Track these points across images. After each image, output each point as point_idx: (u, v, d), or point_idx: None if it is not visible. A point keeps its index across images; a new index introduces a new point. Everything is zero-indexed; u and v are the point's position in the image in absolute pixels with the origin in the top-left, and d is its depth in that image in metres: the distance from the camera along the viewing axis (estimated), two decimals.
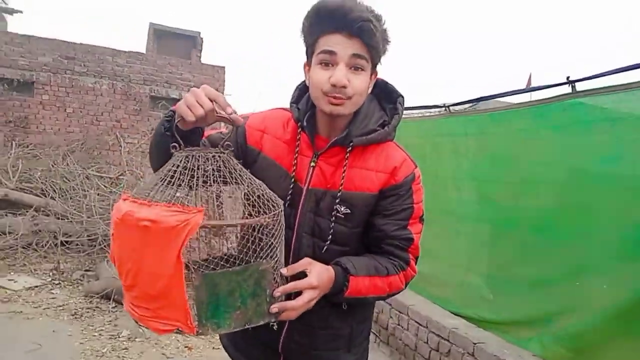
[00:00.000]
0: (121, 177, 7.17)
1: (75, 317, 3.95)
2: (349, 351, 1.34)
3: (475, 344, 2.74)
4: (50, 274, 5.05)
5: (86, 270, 5.16)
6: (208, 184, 1.02)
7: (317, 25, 1.16)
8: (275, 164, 1.29)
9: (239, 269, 1.02)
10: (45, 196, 6.47)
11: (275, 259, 1.07)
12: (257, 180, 1.10)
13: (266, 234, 1.06)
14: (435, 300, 3.56)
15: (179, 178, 1.00)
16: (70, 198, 6.46)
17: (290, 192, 1.26)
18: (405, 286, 1.31)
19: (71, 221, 5.92)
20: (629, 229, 2.41)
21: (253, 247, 1.05)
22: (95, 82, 10.08)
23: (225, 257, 1.11)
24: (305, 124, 1.26)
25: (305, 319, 1.16)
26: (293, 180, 1.26)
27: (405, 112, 4.28)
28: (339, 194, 1.23)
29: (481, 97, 3.40)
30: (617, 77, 2.43)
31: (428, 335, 3.13)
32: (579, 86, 2.62)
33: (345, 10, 1.11)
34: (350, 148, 1.23)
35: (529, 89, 2.95)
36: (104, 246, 5.39)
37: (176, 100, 11.14)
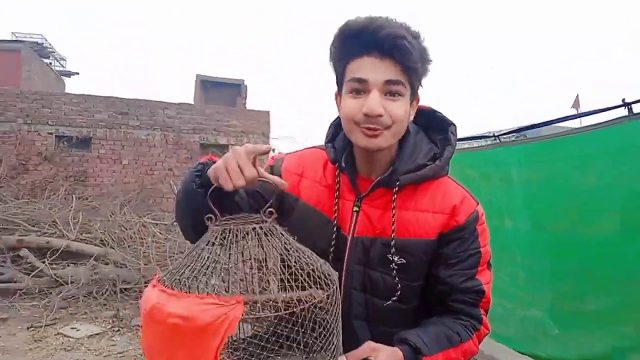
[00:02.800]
0: (175, 223, 7.34)
1: None
2: None
3: None
4: (110, 321, 5.16)
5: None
6: (245, 262, 0.87)
7: (344, 50, 1.02)
8: (316, 211, 1.14)
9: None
10: (105, 245, 6.68)
11: (333, 346, 0.87)
12: (306, 251, 0.90)
13: (320, 316, 0.86)
14: (498, 339, 3.41)
15: (214, 260, 0.84)
16: (128, 246, 6.64)
17: (333, 242, 1.10)
18: (478, 347, 1.11)
19: (129, 269, 6.08)
20: None
21: (303, 327, 0.85)
22: (148, 134, 10.52)
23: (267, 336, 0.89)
24: (343, 164, 1.10)
25: None
26: (335, 228, 1.10)
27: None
28: (392, 242, 1.05)
29: (533, 125, 3.34)
30: None
31: None
32: (636, 108, 2.52)
33: (373, 29, 0.96)
34: (397, 187, 1.06)
35: (583, 114, 2.87)
36: None
37: (225, 147, 11.56)
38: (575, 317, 3.09)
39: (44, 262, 6.16)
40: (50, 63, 20.71)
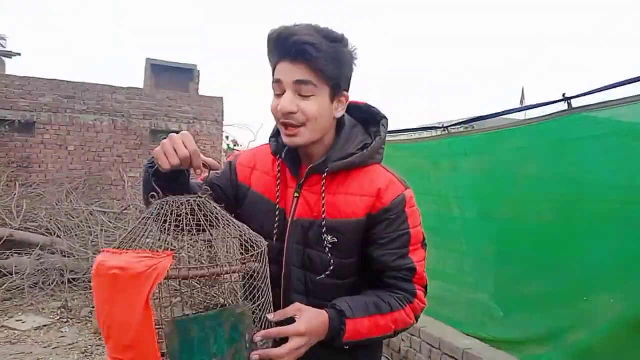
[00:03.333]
0: (125, 211, 7.20)
1: (86, 355, 3.95)
2: None
3: None
4: (59, 312, 5.05)
5: (94, 307, 5.15)
6: (182, 229, 0.98)
7: (270, 55, 1.18)
8: (263, 198, 1.28)
9: (213, 313, 0.95)
10: (51, 234, 6.49)
11: (259, 303, 1.02)
12: (237, 223, 1.06)
13: (249, 277, 1.02)
14: (446, 321, 3.55)
15: (152, 225, 0.99)
16: (76, 235, 6.47)
17: (276, 225, 1.24)
18: (416, 320, 1.22)
19: (77, 258, 5.93)
20: (633, 241, 2.43)
21: (234, 292, 1.03)
22: (96, 119, 10.19)
23: (211, 305, 1.07)
24: (284, 155, 1.25)
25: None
26: (278, 212, 1.24)
27: (403, 134, 4.35)
28: (323, 223, 1.18)
29: (480, 117, 3.46)
30: (611, 91, 2.49)
31: (441, 357, 3.12)
32: (575, 102, 2.67)
33: (286, 35, 1.11)
34: (325, 174, 1.19)
35: (526, 107, 3.01)
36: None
37: (176, 133, 11.11)
38: (518, 301, 3.26)
39: None
40: None
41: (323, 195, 1.19)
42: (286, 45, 1.10)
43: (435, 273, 4.07)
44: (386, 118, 1.29)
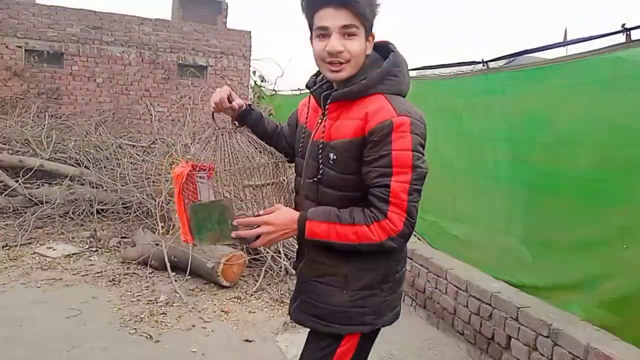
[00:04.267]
0: (153, 145, 7.19)
1: (114, 284, 4.00)
2: (343, 291, 1.41)
3: (519, 308, 2.65)
4: (88, 241, 5.12)
5: (122, 237, 5.22)
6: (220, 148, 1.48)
7: (309, 4, 1.36)
8: (301, 126, 1.59)
9: (207, 203, 1.44)
10: (80, 166, 6.54)
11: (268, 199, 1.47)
12: (258, 142, 1.55)
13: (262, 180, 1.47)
14: (474, 264, 3.47)
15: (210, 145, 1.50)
16: (104, 167, 6.51)
17: (301, 144, 1.55)
18: (392, 242, 1.30)
19: (106, 190, 5.98)
20: None
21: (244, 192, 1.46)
22: (123, 51, 10.08)
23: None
24: (314, 88, 1.50)
25: (312, 253, 1.47)
26: (304, 134, 1.55)
27: (440, 70, 4.11)
28: (321, 142, 1.41)
29: (524, 51, 3.22)
30: None
31: (468, 299, 3.05)
32: (635, 34, 2.42)
33: None
34: (329, 101, 1.41)
35: (580, 40, 2.75)
36: (139, 213, 5.43)
37: (203, 67, 11.21)
38: (550, 247, 3.15)
39: (17, 181, 6.02)
40: None
41: (325, 118, 1.43)
42: None
43: (463, 216, 4.01)
44: (395, 52, 1.42)
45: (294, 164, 1.63)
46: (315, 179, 1.42)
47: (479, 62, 3.71)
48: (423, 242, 4.08)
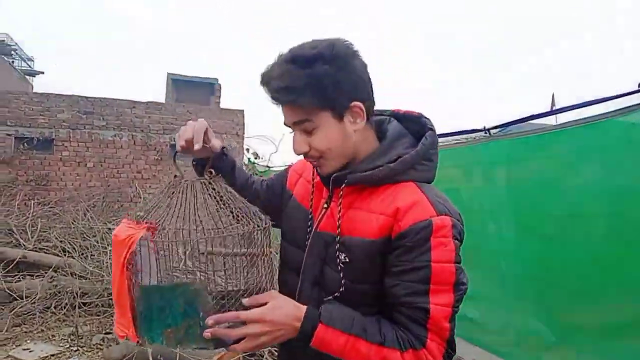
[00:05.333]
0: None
1: None
2: None
3: None
4: (69, 339, 4.71)
5: (106, 333, 4.81)
6: (186, 205, 1.05)
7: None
8: (300, 205, 1.23)
9: (170, 285, 1.02)
10: (65, 255, 6.22)
11: (249, 283, 1.06)
12: (242, 200, 1.12)
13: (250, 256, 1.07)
14: (495, 352, 3.10)
15: (165, 201, 1.07)
16: (91, 255, 6.20)
17: (308, 235, 1.16)
18: None
19: (91, 280, 5.63)
20: None
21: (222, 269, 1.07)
22: (115, 134, 10.02)
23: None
24: None
25: None
26: (310, 221, 1.17)
27: (440, 138, 3.92)
28: (336, 239, 1.07)
29: (531, 116, 3.02)
30: None
31: None
32: None
33: (265, 83, 1.04)
34: (344, 186, 1.09)
35: (591, 102, 2.54)
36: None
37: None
38: (575, 331, 2.82)
39: None
40: (13, 62, 19.91)
41: (339, 208, 1.09)
42: (268, 94, 1.05)
43: (475, 295, 3.67)
44: (433, 129, 1.13)
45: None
46: (337, 293, 1.06)
47: (481, 130, 3.51)
48: None
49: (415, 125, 1.15)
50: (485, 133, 3.51)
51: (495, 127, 3.48)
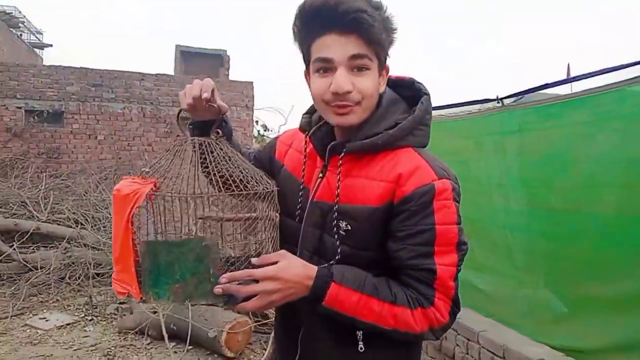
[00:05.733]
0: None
1: (108, 358, 3.65)
2: None
3: None
4: (84, 309, 4.78)
5: (120, 303, 4.88)
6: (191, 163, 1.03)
7: (305, 29, 1.03)
8: (292, 176, 1.21)
9: (179, 240, 1.01)
10: (78, 226, 6.27)
11: (259, 243, 1.06)
12: (246, 164, 1.09)
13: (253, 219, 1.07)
14: (506, 323, 3.10)
15: (170, 161, 1.05)
16: (103, 227, 6.25)
17: (299, 205, 1.15)
18: (431, 334, 1.01)
19: (104, 251, 5.69)
20: None
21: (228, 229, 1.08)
22: (125, 107, 10.00)
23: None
24: (311, 132, 1.17)
25: (319, 342, 1.12)
26: (302, 192, 1.16)
27: (450, 110, 3.84)
28: (335, 207, 1.06)
29: (545, 85, 2.95)
30: None
31: None
32: None
33: (332, 5, 0.95)
34: (342, 154, 1.07)
35: (608, 69, 2.48)
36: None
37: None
38: (585, 304, 2.80)
39: (11, 246, 5.74)
40: (21, 35, 19.81)
41: (339, 177, 1.07)
42: (335, 15, 0.95)
43: (485, 267, 3.65)
44: (428, 94, 1.12)
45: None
46: (333, 261, 1.06)
47: (493, 100, 3.45)
48: None
49: (407, 91, 1.14)
50: (498, 102, 3.45)
51: (509, 97, 3.42)
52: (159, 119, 10.25)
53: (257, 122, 11.19)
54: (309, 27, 1.01)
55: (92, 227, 6.28)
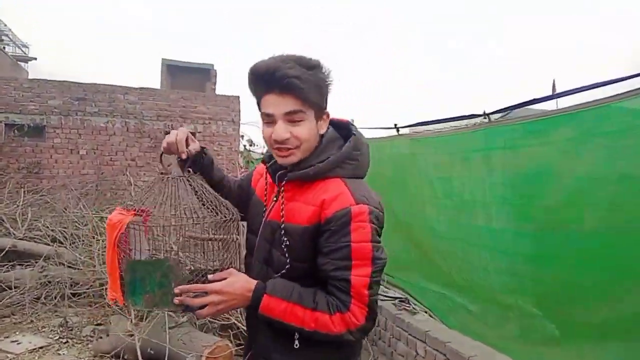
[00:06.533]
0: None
1: None
2: None
3: None
4: (58, 331, 4.61)
5: (97, 325, 4.71)
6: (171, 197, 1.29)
7: (254, 88, 1.30)
8: (259, 200, 1.49)
9: (149, 261, 1.29)
10: (59, 243, 6.10)
11: (215, 262, 1.32)
12: (212, 194, 1.36)
13: (216, 241, 1.34)
14: (499, 347, 3.00)
15: (152, 194, 1.34)
16: (83, 244, 6.08)
17: (261, 224, 1.41)
18: (350, 335, 1.23)
19: (82, 270, 5.51)
20: None
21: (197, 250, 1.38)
22: (108, 121, 9.85)
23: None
24: (269, 164, 1.42)
25: (262, 344, 1.37)
26: (264, 212, 1.42)
27: (436, 125, 3.76)
28: (282, 225, 1.31)
29: (533, 100, 2.89)
30: None
31: None
32: None
33: (272, 71, 1.21)
34: (284, 182, 1.34)
35: (601, 84, 2.41)
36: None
37: (192, 134, 10.75)
38: (577, 329, 2.72)
39: None
40: (4, 47, 19.59)
41: (282, 200, 1.34)
42: (273, 80, 1.22)
43: (471, 287, 3.54)
44: (355, 135, 1.36)
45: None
46: (284, 270, 1.31)
47: (480, 115, 3.38)
48: (436, 319, 3.60)
49: (345, 131, 1.39)
50: (485, 118, 3.38)
51: (496, 112, 3.35)
52: (143, 133, 10.09)
53: (242, 136, 11.08)
54: (256, 87, 1.29)
55: (70, 244, 6.11)
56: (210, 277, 1.25)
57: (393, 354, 3.58)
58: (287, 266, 1.29)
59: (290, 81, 1.20)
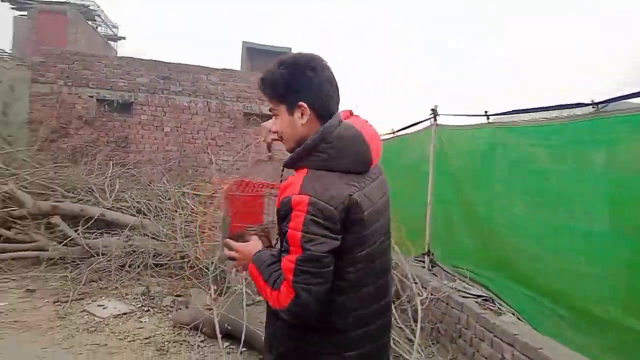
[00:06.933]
0: (215, 195, 6.91)
1: (161, 353, 3.58)
2: (269, 352, 1.50)
3: None
4: (141, 299, 4.78)
5: (177, 296, 4.85)
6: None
7: None
8: None
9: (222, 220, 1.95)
10: (141, 216, 6.33)
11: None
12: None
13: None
14: (591, 356, 2.77)
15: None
16: (165, 217, 6.28)
17: None
18: (282, 313, 1.34)
19: (165, 242, 5.69)
20: None
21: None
22: (191, 100, 10.10)
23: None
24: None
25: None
26: None
27: (531, 114, 3.48)
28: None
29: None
30: None
31: None
32: None
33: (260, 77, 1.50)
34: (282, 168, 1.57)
35: None
36: (196, 269, 5.05)
37: (269, 116, 10.84)
38: None
39: (76, 231, 5.86)
40: (97, 27, 20.60)
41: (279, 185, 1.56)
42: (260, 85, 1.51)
43: (563, 292, 3.27)
44: (327, 126, 1.40)
45: None
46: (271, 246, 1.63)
47: (588, 104, 3.11)
48: (524, 322, 3.36)
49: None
50: (593, 107, 3.11)
51: (606, 102, 3.07)
52: (224, 113, 10.28)
53: None
54: None
55: (154, 217, 6.32)
56: (228, 240, 1.59)
57: (475, 354, 3.40)
58: (277, 243, 1.52)
59: (259, 84, 1.48)
